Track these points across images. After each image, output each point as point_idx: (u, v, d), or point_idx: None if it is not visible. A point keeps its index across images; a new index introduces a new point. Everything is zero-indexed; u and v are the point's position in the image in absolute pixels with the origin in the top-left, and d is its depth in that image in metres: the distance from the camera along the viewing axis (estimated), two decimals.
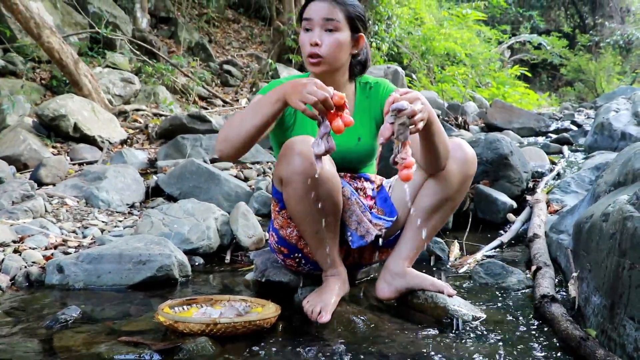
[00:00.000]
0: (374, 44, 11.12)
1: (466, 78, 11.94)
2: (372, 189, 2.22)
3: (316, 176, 1.78)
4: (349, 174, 2.19)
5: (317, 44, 1.97)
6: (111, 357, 1.65)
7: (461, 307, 2.04)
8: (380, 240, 2.09)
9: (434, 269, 2.78)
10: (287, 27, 9.72)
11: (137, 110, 6.69)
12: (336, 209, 1.96)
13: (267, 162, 4.92)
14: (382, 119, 2.05)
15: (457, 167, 2.03)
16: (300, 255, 2.15)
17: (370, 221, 2.08)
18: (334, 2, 1.98)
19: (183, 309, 2.02)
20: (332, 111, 1.63)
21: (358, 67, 2.17)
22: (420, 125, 1.64)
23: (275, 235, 2.16)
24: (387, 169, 2.55)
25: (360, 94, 2.20)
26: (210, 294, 2.23)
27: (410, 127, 1.60)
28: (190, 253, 2.88)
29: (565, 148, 6.02)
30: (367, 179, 2.23)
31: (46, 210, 3.44)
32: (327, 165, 1.87)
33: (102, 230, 3.28)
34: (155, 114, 6.72)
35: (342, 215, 2.07)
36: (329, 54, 1.99)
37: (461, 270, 2.72)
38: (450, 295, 2.08)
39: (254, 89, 9.10)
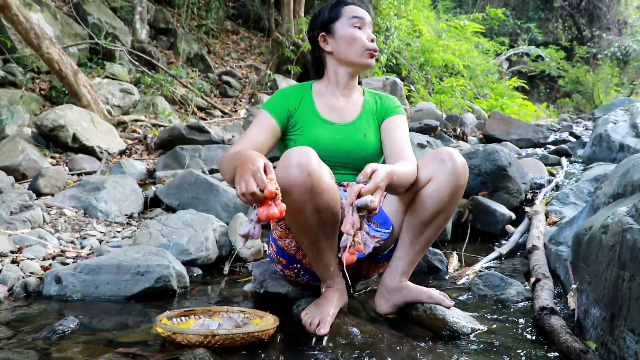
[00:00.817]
0: None
1: (464, 89, 11.98)
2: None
3: (240, 249, 1.80)
4: (345, 183, 2.19)
5: (374, 40, 2.24)
6: None
7: (460, 319, 2.03)
8: (374, 250, 2.10)
9: (433, 281, 2.78)
10: (286, 38, 9.75)
11: (136, 120, 6.69)
12: (334, 219, 1.95)
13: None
14: (383, 118, 2.31)
15: (447, 178, 1.98)
16: (299, 265, 2.14)
17: (368, 233, 2.08)
18: (368, 7, 2.31)
19: (181, 320, 2.01)
20: (265, 202, 1.65)
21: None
22: (377, 208, 1.72)
23: (274, 245, 2.16)
24: None
25: (369, 97, 2.36)
26: (209, 305, 2.23)
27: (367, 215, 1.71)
28: (188, 264, 2.87)
29: (563, 159, 6.04)
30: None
31: (44, 221, 3.44)
32: (326, 177, 1.86)
33: (101, 241, 3.27)
34: (154, 125, 6.72)
35: (340, 226, 2.07)
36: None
37: (460, 282, 2.71)
38: (448, 307, 2.07)
39: (252, 100, 9.12)
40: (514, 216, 3.70)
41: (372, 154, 2.25)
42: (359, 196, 1.68)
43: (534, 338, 1.96)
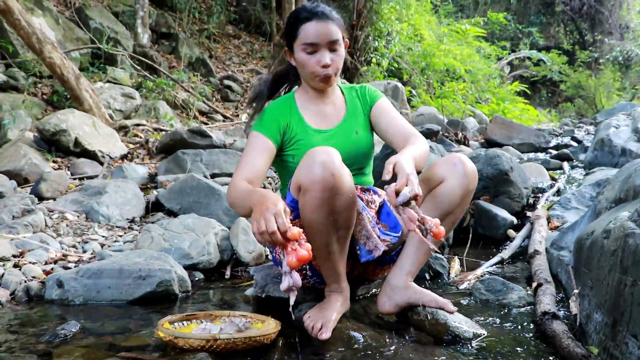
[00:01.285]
0: (374, 60, 11.17)
1: (466, 94, 11.99)
2: (380, 202, 2.24)
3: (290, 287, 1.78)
4: (359, 186, 2.21)
5: (329, 65, 2.14)
6: None
7: (462, 323, 2.03)
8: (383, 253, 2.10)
9: (434, 285, 2.77)
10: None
11: (138, 125, 6.70)
12: (349, 223, 1.96)
13: (268, 178, 4.92)
14: (371, 107, 2.34)
15: (458, 181, 2.05)
16: (308, 267, 2.14)
17: (379, 237, 2.08)
18: (330, 20, 2.13)
19: (183, 324, 2.01)
20: (288, 243, 1.63)
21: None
22: (420, 194, 1.75)
23: None
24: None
25: (349, 94, 2.38)
26: (210, 310, 2.23)
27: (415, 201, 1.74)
28: (190, 268, 2.87)
29: (565, 164, 6.04)
30: (375, 192, 2.26)
31: (46, 225, 3.44)
32: (347, 180, 1.87)
33: (102, 245, 3.27)
34: (155, 129, 6.73)
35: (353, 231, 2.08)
36: (337, 71, 2.18)
37: (462, 287, 2.71)
38: (451, 312, 2.07)
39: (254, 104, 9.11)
40: (515, 221, 3.69)
41: (367, 147, 2.33)
42: (397, 194, 1.72)
43: (535, 343, 1.96)
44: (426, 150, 2.08)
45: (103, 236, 3.42)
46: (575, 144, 8.11)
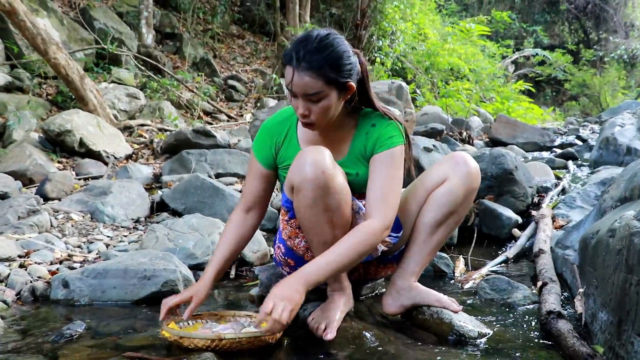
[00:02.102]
0: (378, 59, 11.17)
1: (470, 93, 11.96)
2: None
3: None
4: (356, 193, 2.19)
5: (306, 115, 1.89)
6: None
7: (467, 323, 2.03)
8: (382, 253, 2.09)
9: (440, 284, 2.77)
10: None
11: (142, 125, 6.71)
12: (344, 221, 1.96)
13: None
14: (372, 153, 2.02)
15: (462, 180, 2.04)
16: None
17: None
18: (311, 71, 1.81)
19: (188, 324, 2.01)
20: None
21: (354, 102, 2.05)
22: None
23: (283, 246, 2.15)
24: None
25: (360, 131, 2.07)
26: (216, 310, 2.23)
27: None
28: (195, 268, 2.87)
29: (570, 163, 6.01)
30: None
31: (52, 225, 3.45)
32: (340, 178, 1.87)
33: (107, 245, 3.28)
34: (160, 129, 6.74)
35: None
36: (319, 119, 1.91)
37: (466, 286, 2.71)
38: (455, 312, 2.07)
39: (258, 104, 9.14)
40: (520, 220, 3.69)
41: (364, 187, 2.09)
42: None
43: (540, 342, 1.96)
44: (355, 243, 1.84)
45: (108, 236, 3.43)
46: (580, 143, 8.09)
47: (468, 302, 2.44)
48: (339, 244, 1.83)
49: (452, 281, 2.82)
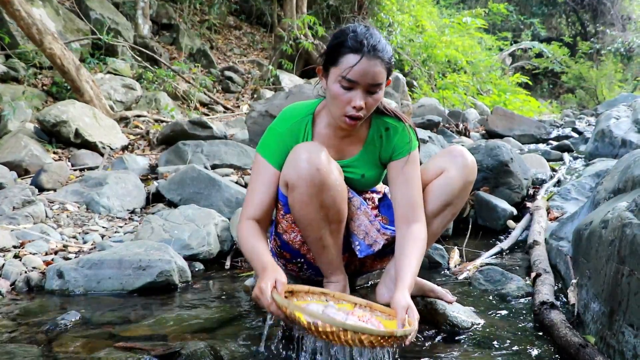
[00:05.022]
0: None
1: (467, 85, 11.96)
2: (378, 198, 2.24)
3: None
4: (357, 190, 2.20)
5: (362, 107, 1.85)
6: None
7: (460, 313, 2.04)
8: (383, 246, 2.10)
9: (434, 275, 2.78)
10: (288, 34, 9.75)
11: (138, 116, 6.70)
12: (340, 217, 1.96)
13: None
14: (390, 159, 2.05)
15: (458, 172, 2.05)
16: (302, 260, 2.14)
17: (379, 230, 2.09)
18: (380, 60, 1.81)
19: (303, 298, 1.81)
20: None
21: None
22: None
23: (278, 239, 2.15)
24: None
25: (374, 132, 2.07)
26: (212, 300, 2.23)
27: None
28: (190, 259, 2.88)
29: (565, 155, 6.03)
30: (372, 190, 2.24)
31: (47, 216, 3.45)
32: (334, 174, 1.88)
33: (103, 236, 3.28)
34: (156, 120, 6.73)
35: (350, 224, 2.09)
36: (368, 113, 1.90)
37: (461, 277, 2.72)
38: (450, 302, 2.08)
39: (255, 96, 9.12)
40: (515, 211, 3.70)
41: (372, 185, 2.18)
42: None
43: (534, 332, 1.97)
44: (423, 253, 1.95)
45: (103, 227, 3.43)
46: (576, 135, 8.10)
47: (462, 292, 2.45)
48: (413, 253, 1.90)
49: (447, 272, 2.83)
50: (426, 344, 1.85)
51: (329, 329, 1.48)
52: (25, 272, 2.60)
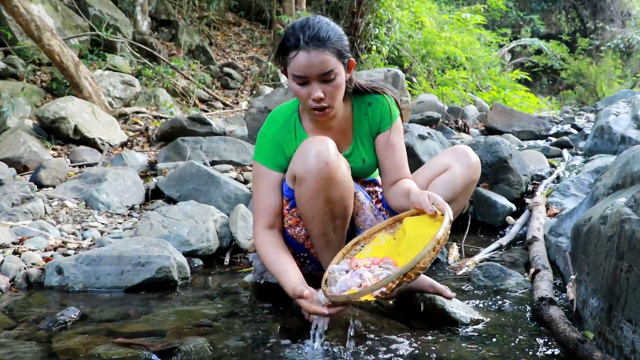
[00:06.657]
0: (374, 47, 11.13)
1: (467, 81, 11.95)
2: (381, 192, 2.24)
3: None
4: (360, 179, 2.21)
5: (322, 98, 1.87)
6: (109, 358, 1.66)
7: (459, 309, 2.04)
8: None
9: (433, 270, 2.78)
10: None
11: (138, 112, 6.70)
12: (346, 212, 1.96)
13: None
14: (379, 133, 2.11)
15: (463, 170, 2.09)
16: (306, 255, 2.14)
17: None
18: (323, 48, 1.82)
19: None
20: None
21: (350, 87, 2.09)
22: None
23: (283, 234, 2.15)
24: None
25: (358, 112, 2.12)
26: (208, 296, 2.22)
27: None
28: (189, 255, 2.88)
29: (565, 151, 6.03)
30: (376, 183, 2.26)
31: (46, 212, 3.45)
32: (343, 169, 1.87)
33: (102, 232, 3.28)
34: (155, 117, 6.73)
35: (355, 219, 2.10)
36: (333, 101, 1.91)
37: (460, 273, 2.72)
38: (449, 298, 2.08)
39: (254, 92, 9.12)
40: (514, 208, 3.70)
41: (373, 169, 2.22)
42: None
43: (532, 328, 1.97)
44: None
45: (102, 223, 3.43)
46: (575, 132, 8.09)
47: (461, 288, 2.45)
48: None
49: (446, 268, 2.84)
50: (425, 340, 1.85)
51: (393, 284, 1.56)
52: (25, 269, 2.60)
